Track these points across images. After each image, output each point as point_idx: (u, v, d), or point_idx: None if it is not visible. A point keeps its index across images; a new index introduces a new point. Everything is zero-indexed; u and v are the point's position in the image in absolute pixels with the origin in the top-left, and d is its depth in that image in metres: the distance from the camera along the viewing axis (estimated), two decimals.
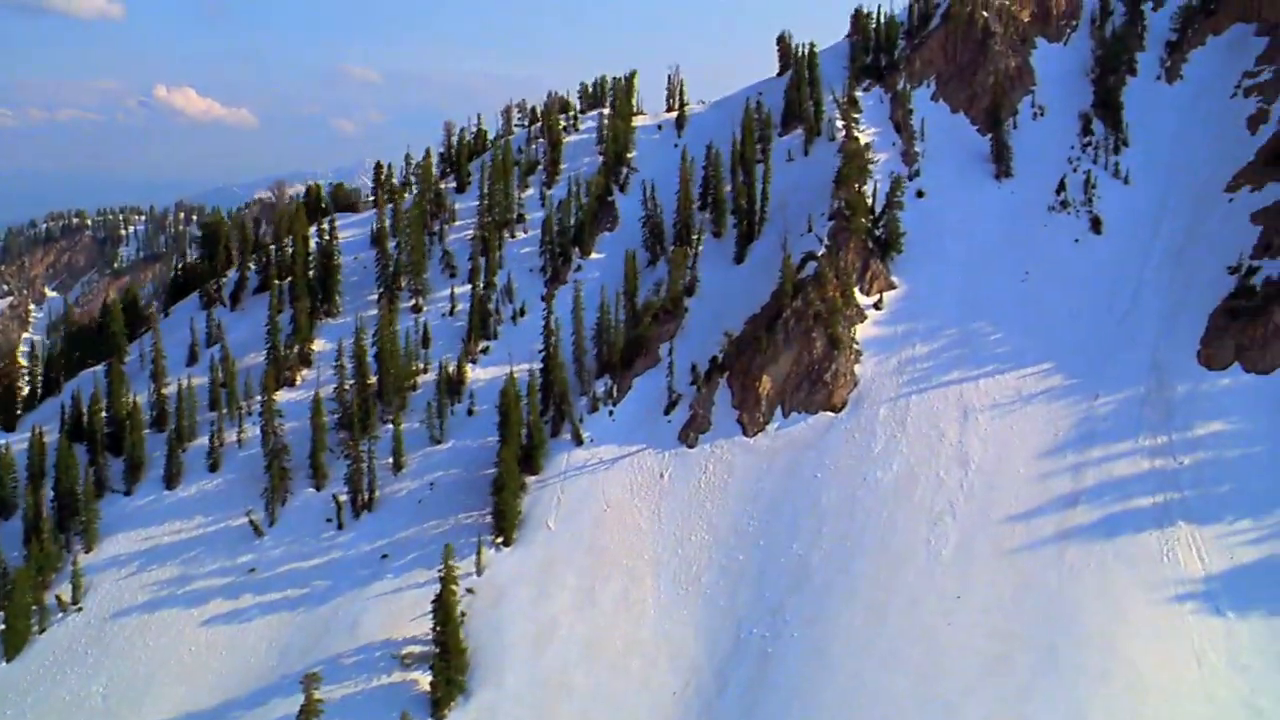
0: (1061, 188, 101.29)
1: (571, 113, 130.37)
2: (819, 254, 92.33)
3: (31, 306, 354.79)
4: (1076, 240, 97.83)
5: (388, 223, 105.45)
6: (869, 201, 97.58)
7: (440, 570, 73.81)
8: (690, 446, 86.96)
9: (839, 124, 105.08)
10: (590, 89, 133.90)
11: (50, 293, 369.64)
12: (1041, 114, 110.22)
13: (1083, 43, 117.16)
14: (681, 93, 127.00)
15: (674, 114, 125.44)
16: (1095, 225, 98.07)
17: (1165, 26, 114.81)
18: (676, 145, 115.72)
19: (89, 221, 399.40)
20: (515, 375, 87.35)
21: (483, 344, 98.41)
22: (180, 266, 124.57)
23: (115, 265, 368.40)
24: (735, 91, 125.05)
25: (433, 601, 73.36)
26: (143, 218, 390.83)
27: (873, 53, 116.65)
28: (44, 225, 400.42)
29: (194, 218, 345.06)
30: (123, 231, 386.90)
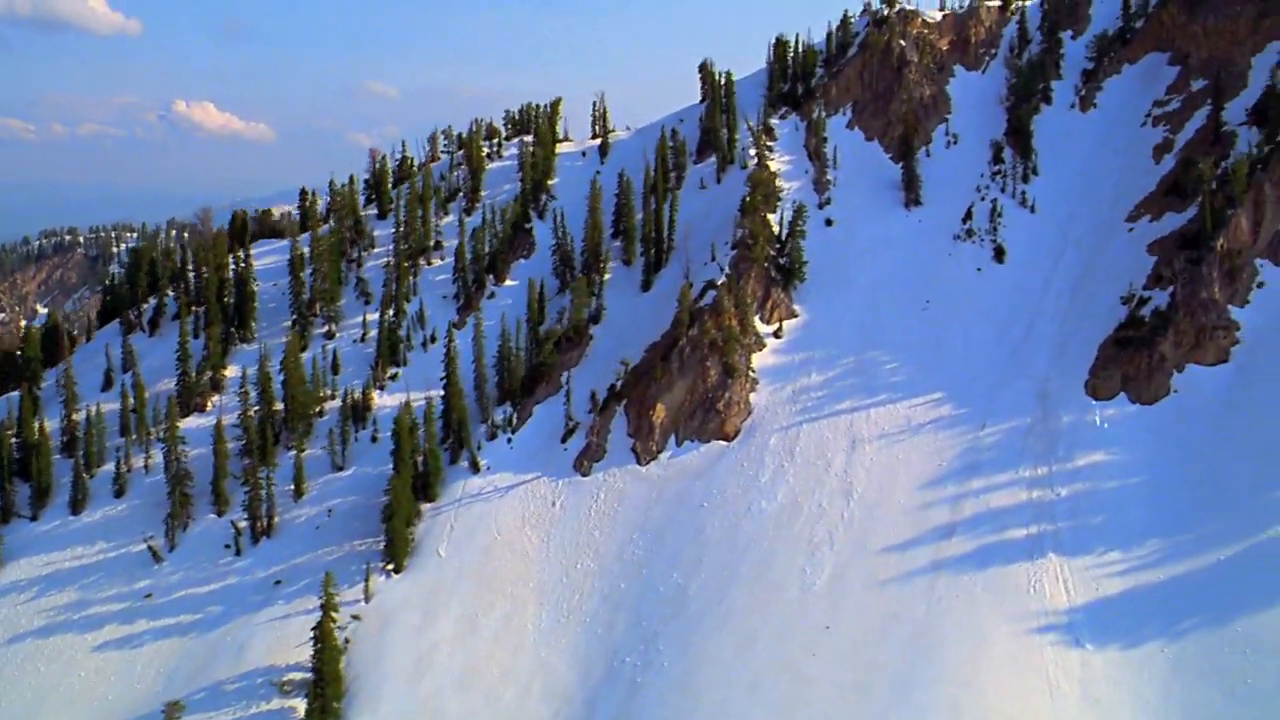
0: (968, 216, 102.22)
1: (497, 139, 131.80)
2: (719, 282, 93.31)
3: (23, 323, 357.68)
4: (979, 269, 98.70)
5: (305, 250, 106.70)
6: (776, 230, 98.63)
7: (321, 598, 75.01)
8: (584, 475, 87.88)
9: (751, 152, 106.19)
10: (516, 116, 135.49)
11: (42, 309, 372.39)
12: (955, 142, 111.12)
13: (1001, 71, 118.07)
14: (605, 120, 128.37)
15: (598, 141, 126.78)
16: (999, 254, 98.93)
17: (1083, 55, 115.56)
18: (599, 172, 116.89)
19: (81, 239, 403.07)
20: (411, 403, 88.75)
21: (391, 371, 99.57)
22: (109, 291, 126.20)
23: (106, 282, 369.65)
24: (661, 118, 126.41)
25: (313, 629, 74.41)
26: (135, 235, 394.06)
27: (790, 80, 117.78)
28: (37, 242, 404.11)
29: (185, 235, 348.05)
30: (114, 249, 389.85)
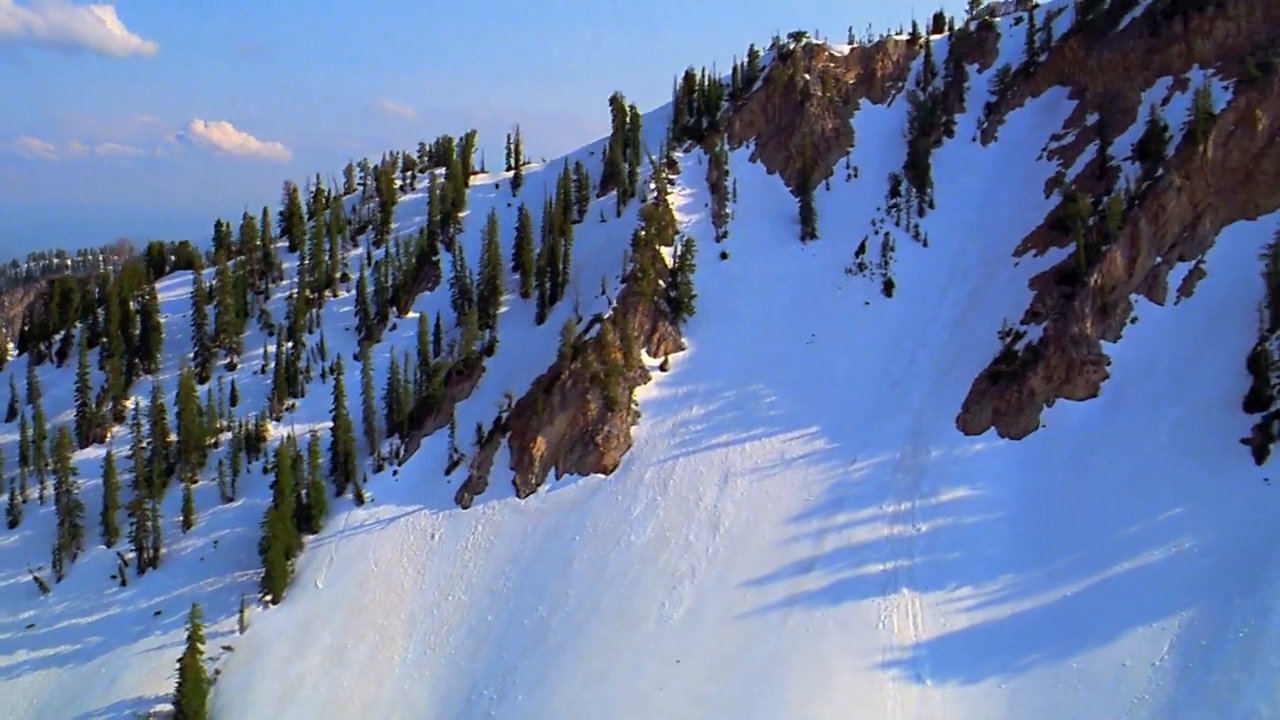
0: (862, 250, 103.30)
1: (412, 172, 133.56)
2: (605, 316, 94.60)
3: (10, 346, 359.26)
4: (867, 303, 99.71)
5: (210, 283, 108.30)
6: (670, 263, 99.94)
7: (188, 628, 76.32)
8: (465, 507, 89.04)
9: (652, 185, 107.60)
10: (430, 148, 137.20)
11: None
12: (855, 175, 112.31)
13: (906, 104, 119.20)
14: (518, 152, 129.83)
15: (512, 173, 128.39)
16: (888, 288, 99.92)
17: (987, 89, 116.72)
18: (510, 204, 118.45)
19: (69, 261, 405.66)
20: (295, 436, 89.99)
21: (289, 402, 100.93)
22: (28, 321, 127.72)
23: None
24: (574, 150, 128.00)
25: (178, 661, 75.62)
26: (119, 258, 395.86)
27: (695, 114, 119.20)
28: (25, 265, 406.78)
29: (172, 258, 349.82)
30: (102, 271, 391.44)
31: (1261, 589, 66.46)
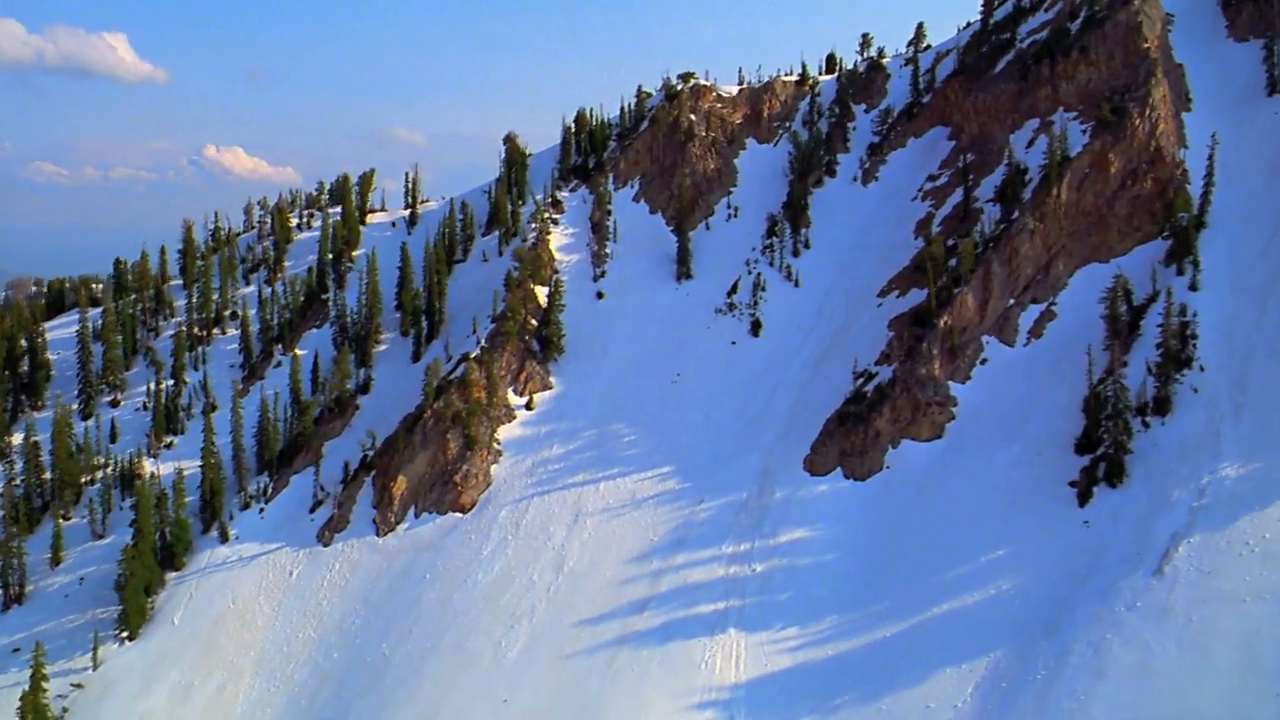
0: (734, 290, 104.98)
1: (310, 209, 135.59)
2: (472, 355, 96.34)
3: None
4: (734, 343, 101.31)
5: (95, 323, 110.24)
6: (544, 303, 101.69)
7: (30, 665, 77.79)
8: (326, 545, 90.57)
9: (533, 225, 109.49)
10: (327, 186, 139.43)
11: None
12: (736, 215, 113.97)
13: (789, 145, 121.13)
14: (415, 190, 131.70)
15: (409, 211, 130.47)
16: (755, 328, 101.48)
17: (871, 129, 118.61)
18: (405, 242, 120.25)
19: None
20: (159, 474, 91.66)
21: (168, 439, 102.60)
22: None
23: None
24: (470, 189, 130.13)
25: (19, 699, 77.04)
26: (100, 286, 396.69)
27: (582, 154, 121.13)
28: (4, 294, 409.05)
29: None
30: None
31: (1064, 630, 67.93)
